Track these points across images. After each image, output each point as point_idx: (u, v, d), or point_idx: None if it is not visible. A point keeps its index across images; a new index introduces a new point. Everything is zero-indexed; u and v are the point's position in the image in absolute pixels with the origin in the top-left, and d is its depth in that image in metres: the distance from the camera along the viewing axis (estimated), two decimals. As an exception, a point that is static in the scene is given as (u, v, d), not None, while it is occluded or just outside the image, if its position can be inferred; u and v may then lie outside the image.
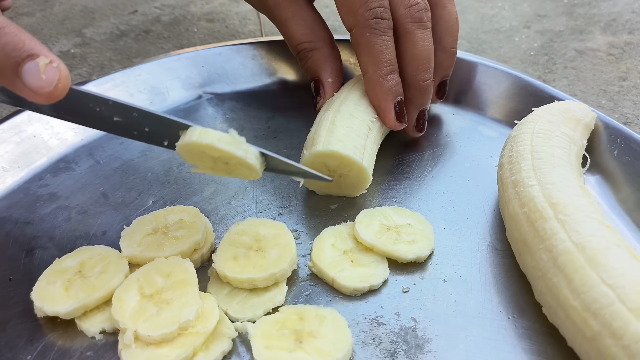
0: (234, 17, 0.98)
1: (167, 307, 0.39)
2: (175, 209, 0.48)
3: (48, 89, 0.35)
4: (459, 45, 0.88)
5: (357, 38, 0.52)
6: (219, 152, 0.39)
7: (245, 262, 0.43)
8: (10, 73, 0.35)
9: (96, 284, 0.41)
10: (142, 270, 0.41)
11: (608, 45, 0.86)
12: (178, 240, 0.45)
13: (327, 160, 0.49)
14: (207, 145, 0.38)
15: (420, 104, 0.55)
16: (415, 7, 0.52)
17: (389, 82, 0.52)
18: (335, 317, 0.40)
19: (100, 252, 0.44)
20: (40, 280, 0.42)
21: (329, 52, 0.57)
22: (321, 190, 0.53)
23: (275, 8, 0.57)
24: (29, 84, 0.35)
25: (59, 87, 0.36)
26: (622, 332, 0.32)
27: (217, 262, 0.43)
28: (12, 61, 0.35)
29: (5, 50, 0.35)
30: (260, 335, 0.38)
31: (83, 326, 0.40)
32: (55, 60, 0.36)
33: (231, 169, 0.41)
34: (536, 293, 0.41)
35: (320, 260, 0.44)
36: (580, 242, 0.37)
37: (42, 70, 0.35)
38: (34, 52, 0.35)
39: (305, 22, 0.57)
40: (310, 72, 0.57)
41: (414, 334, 0.40)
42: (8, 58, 0.35)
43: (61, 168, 0.56)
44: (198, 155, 0.41)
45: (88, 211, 0.51)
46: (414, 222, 0.48)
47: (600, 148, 0.55)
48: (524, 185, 0.44)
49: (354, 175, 0.50)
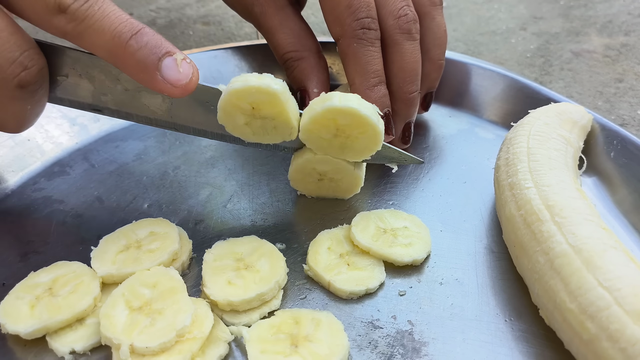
0: (229, 19, 0.98)
1: (160, 317, 0.38)
2: (142, 223, 0.47)
3: (184, 81, 0.40)
4: (455, 47, 0.88)
5: (344, 48, 0.51)
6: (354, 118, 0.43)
7: (243, 281, 0.42)
8: (152, 67, 0.39)
9: (62, 305, 0.39)
10: (125, 284, 0.40)
11: (604, 46, 0.86)
12: (154, 252, 0.43)
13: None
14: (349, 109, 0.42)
15: (406, 116, 0.54)
16: (404, 19, 0.51)
17: (376, 94, 0.51)
18: (331, 320, 0.39)
19: (75, 270, 0.42)
20: (10, 294, 0.41)
21: (315, 62, 0.56)
22: (311, 194, 0.53)
23: (262, 16, 0.56)
24: (168, 77, 0.40)
25: (192, 80, 0.41)
26: (619, 335, 0.32)
27: (215, 293, 0.41)
28: (153, 57, 0.39)
29: (147, 47, 0.39)
30: (255, 340, 0.38)
31: (53, 345, 0.38)
32: (187, 57, 0.41)
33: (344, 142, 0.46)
34: (533, 296, 0.41)
35: (316, 263, 0.44)
36: (577, 244, 0.37)
37: (179, 65, 0.40)
38: (171, 50, 0.40)
39: (292, 31, 0.56)
40: (296, 82, 0.56)
41: (411, 337, 0.40)
42: (150, 54, 0.39)
43: (56, 172, 0.56)
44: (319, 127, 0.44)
45: (83, 215, 0.51)
46: (411, 225, 0.48)
47: (597, 150, 0.54)
48: (520, 188, 0.43)
49: (346, 177, 0.49)
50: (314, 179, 0.50)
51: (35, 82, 0.41)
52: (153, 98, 0.47)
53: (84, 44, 0.40)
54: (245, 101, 0.43)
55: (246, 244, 0.45)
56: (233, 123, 0.45)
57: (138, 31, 0.40)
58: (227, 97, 0.43)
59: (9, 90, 0.40)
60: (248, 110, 0.44)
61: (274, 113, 0.44)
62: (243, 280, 0.42)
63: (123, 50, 0.39)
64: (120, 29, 0.39)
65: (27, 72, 0.40)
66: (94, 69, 0.45)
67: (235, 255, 0.44)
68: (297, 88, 0.56)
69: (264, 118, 0.44)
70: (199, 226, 0.49)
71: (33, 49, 0.41)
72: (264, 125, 0.45)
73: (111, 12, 0.40)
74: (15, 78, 0.39)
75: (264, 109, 0.43)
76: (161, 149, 0.59)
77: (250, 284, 0.41)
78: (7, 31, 0.39)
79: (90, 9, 0.39)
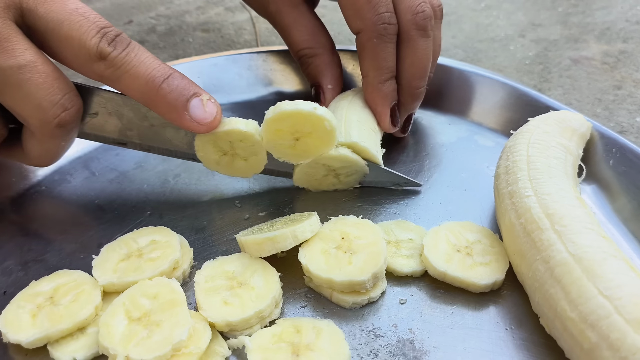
0: (229, 27, 0.99)
1: (158, 329, 0.38)
2: (143, 231, 0.47)
3: (209, 119, 0.45)
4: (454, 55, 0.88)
5: (363, 42, 0.53)
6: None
7: (239, 300, 0.41)
8: (181, 108, 0.44)
9: (63, 314, 0.40)
10: (126, 293, 0.40)
11: (603, 53, 0.87)
12: (155, 261, 0.43)
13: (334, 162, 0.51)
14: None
15: (410, 108, 0.57)
16: (422, 15, 0.53)
17: (387, 88, 0.54)
18: (332, 329, 0.39)
19: (76, 279, 0.43)
20: (12, 303, 0.41)
21: (329, 59, 0.58)
22: (314, 188, 0.54)
23: (277, 14, 0.58)
24: (195, 116, 0.45)
25: (217, 118, 0.46)
26: (619, 344, 0.32)
27: (212, 315, 0.40)
28: (182, 99, 0.44)
29: (178, 89, 0.44)
30: (257, 349, 0.38)
31: (55, 354, 0.38)
32: (212, 97, 0.46)
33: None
34: (533, 304, 0.41)
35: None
36: (577, 253, 0.37)
37: (204, 105, 0.45)
38: (197, 91, 0.45)
39: (306, 29, 0.58)
40: (311, 77, 0.59)
41: (412, 345, 0.40)
42: (180, 96, 0.44)
43: (56, 180, 0.56)
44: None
45: (83, 223, 0.51)
46: (416, 237, 0.48)
47: (596, 158, 0.55)
48: (520, 196, 0.43)
49: (352, 172, 0.53)
50: (320, 175, 0.53)
51: (73, 121, 0.45)
52: (176, 133, 0.50)
53: (120, 87, 0.45)
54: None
55: (236, 261, 0.44)
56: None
57: (169, 76, 0.44)
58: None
59: (49, 130, 0.44)
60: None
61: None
62: (239, 299, 0.41)
63: (155, 93, 0.44)
64: (154, 74, 0.44)
65: (67, 112, 0.44)
66: (124, 108, 0.49)
67: (227, 274, 0.43)
68: (312, 84, 0.59)
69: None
70: (200, 234, 0.49)
71: (73, 92, 0.45)
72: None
73: (146, 59, 0.44)
74: (56, 119, 0.43)
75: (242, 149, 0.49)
76: (161, 157, 0.59)
77: (247, 302, 0.41)
78: (52, 77, 0.43)
79: (127, 56, 0.43)
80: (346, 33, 0.96)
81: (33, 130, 0.44)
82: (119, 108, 0.49)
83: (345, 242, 0.44)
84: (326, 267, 0.43)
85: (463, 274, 0.43)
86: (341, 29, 0.97)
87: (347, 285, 0.42)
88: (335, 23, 0.98)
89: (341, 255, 0.43)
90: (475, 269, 0.44)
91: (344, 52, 0.66)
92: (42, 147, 0.46)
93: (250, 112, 0.66)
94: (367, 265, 0.42)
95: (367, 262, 0.43)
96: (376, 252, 0.43)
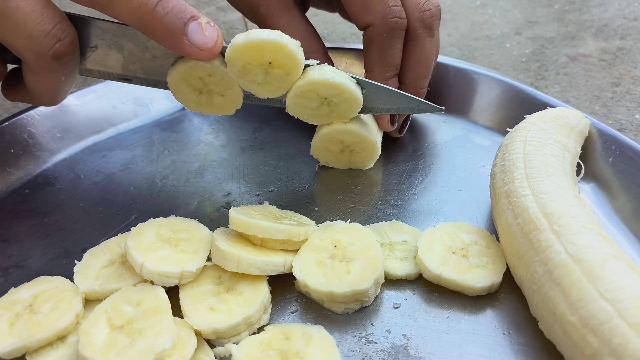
0: (220, 26, 0.97)
1: (141, 338, 0.36)
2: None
3: (210, 44, 0.43)
4: (450, 53, 0.87)
5: (372, 36, 0.52)
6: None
7: (227, 306, 0.40)
8: (179, 32, 0.41)
9: (42, 323, 0.38)
10: (109, 300, 0.39)
11: (600, 50, 0.85)
12: None
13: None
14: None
15: None
16: (429, 13, 0.52)
17: (390, 85, 0.52)
18: (323, 336, 0.38)
19: (57, 285, 0.41)
20: None
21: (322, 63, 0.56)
22: (330, 163, 0.56)
23: (268, 17, 0.56)
24: (194, 41, 0.42)
25: (217, 42, 0.43)
26: (622, 350, 0.31)
27: (198, 322, 0.38)
28: (179, 22, 0.41)
29: (173, 12, 0.41)
30: (244, 357, 0.36)
31: None
32: (211, 21, 0.43)
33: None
34: (532, 308, 0.39)
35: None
36: (577, 254, 0.36)
37: (204, 29, 0.42)
38: (195, 14, 0.42)
39: (297, 33, 0.55)
40: None
41: (406, 352, 0.38)
42: (176, 19, 0.41)
43: (40, 183, 0.54)
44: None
45: (67, 227, 0.49)
46: (410, 239, 0.46)
47: (595, 155, 0.53)
48: (517, 195, 0.42)
49: (366, 149, 0.54)
50: (336, 149, 0.54)
51: (68, 52, 0.43)
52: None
53: (112, 12, 0.42)
54: (263, 56, 0.44)
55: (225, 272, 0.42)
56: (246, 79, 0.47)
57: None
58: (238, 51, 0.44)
59: (44, 62, 0.42)
60: (264, 65, 0.45)
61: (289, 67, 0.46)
62: (226, 305, 0.40)
63: (150, 17, 0.41)
64: None
65: (61, 43, 0.42)
66: (123, 38, 0.47)
67: (213, 279, 0.42)
68: None
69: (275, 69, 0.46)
70: (187, 238, 0.48)
71: (65, 21, 0.42)
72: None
73: None
74: (50, 50, 0.41)
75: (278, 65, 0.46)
76: (149, 159, 0.58)
77: (234, 307, 0.39)
78: (39, 5, 0.41)
79: None
80: (339, 32, 0.94)
81: (30, 64, 0.43)
82: (117, 39, 0.47)
83: (339, 250, 0.43)
84: (325, 279, 0.41)
85: (459, 277, 0.41)
86: (334, 27, 0.96)
87: (351, 296, 0.40)
88: (328, 22, 0.97)
89: (338, 264, 0.42)
90: (472, 271, 0.42)
91: (336, 49, 0.64)
92: (42, 83, 0.44)
93: (240, 112, 0.64)
94: (366, 272, 0.41)
95: (366, 268, 0.41)
96: (373, 256, 0.42)
